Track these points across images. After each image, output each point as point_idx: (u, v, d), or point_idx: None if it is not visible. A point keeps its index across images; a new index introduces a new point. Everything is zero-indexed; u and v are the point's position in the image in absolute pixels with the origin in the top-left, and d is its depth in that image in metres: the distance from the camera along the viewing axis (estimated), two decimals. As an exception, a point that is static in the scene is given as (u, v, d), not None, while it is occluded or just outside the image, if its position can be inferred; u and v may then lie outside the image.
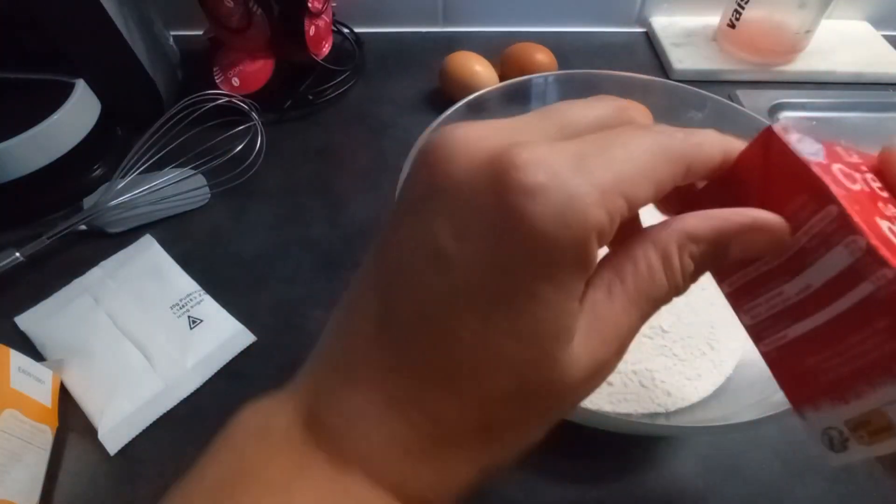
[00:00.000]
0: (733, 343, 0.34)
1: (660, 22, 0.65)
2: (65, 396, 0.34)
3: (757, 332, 0.17)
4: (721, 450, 0.32)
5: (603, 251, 0.14)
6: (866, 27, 0.64)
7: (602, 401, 0.31)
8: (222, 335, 0.37)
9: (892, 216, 0.14)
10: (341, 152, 0.51)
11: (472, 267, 0.13)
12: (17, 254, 0.39)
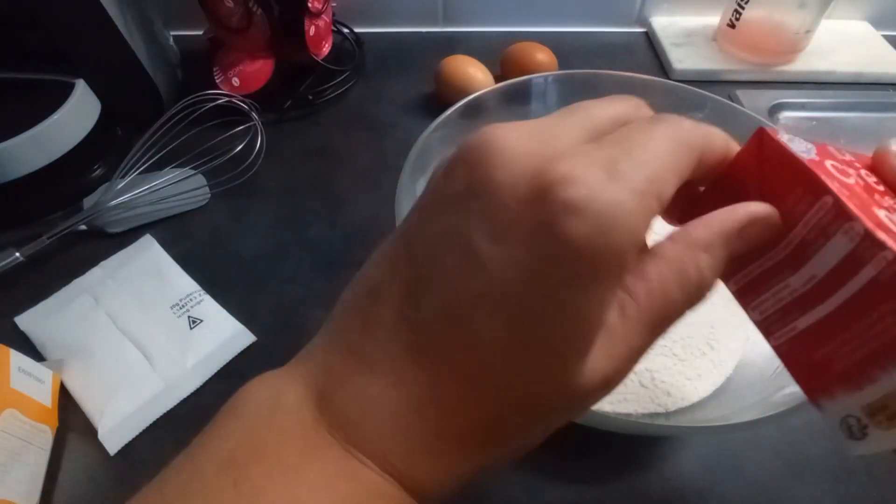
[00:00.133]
0: (733, 343, 0.34)
1: (660, 22, 0.65)
2: (65, 396, 0.34)
3: (766, 327, 0.17)
4: (721, 450, 0.32)
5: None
6: (866, 27, 0.64)
7: (602, 401, 0.31)
8: (222, 335, 0.37)
9: (889, 206, 0.14)
10: (341, 152, 0.51)
11: (506, 272, 0.13)
12: (17, 254, 0.39)
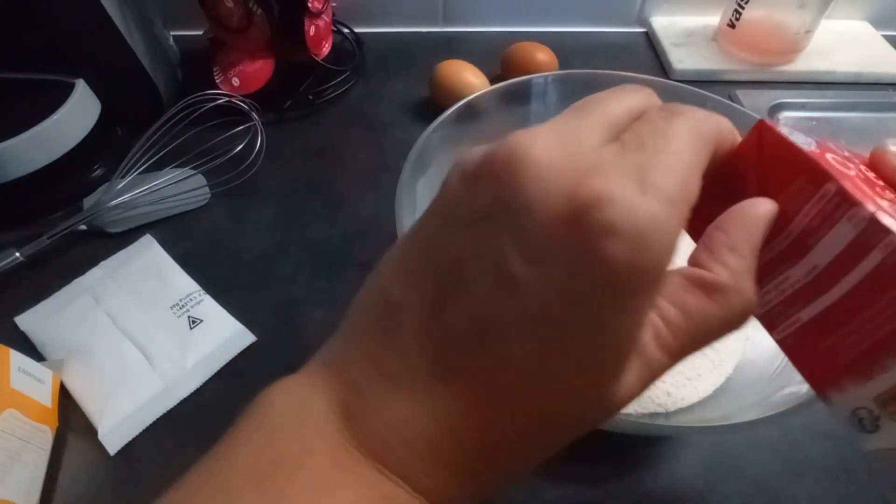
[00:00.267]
0: (733, 343, 0.34)
1: (660, 22, 0.65)
2: (65, 396, 0.34)
3: (770, 320, 0.16)
4: (721, 450, 0.32)
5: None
6: (866, 27, 0.64)
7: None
8: (222, 335, 0.37)
9: (891, 199, 0.14)
10: (341, 152, 0.51)
11: (543, 293, 0.13)
12: (17, 254, 0.39)
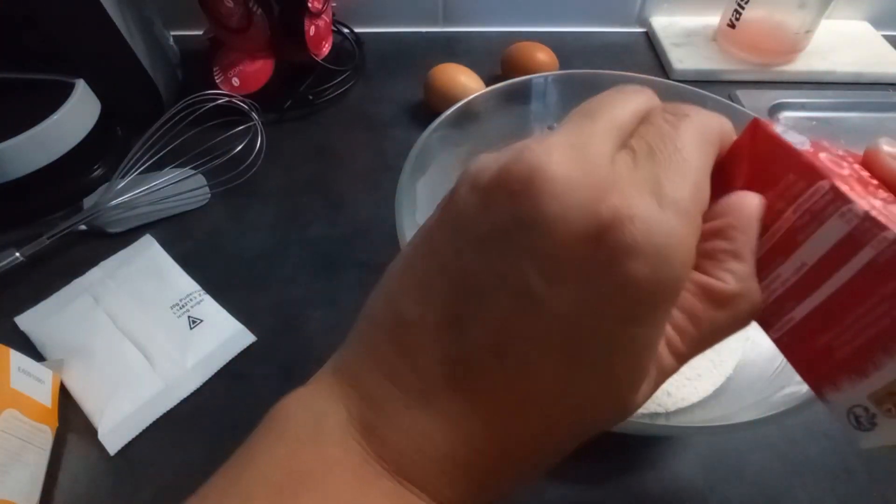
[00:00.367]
0: (733, 343, 0.34)
1: (660, 22, 0.65)
2: (65, 396, 0.34)
3: (765, 319, 0.16)
4: (721, 450, 0.32)
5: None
6: (866, 27, 0.64)
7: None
8: (222, 335, 0.37)
9: (884, 199, 0.14)
10: (341, 152, 0.51)
11: (564, 311, 0.13)
12: (17, 254, 0.39)
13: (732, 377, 0.33)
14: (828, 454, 0.32)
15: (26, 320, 0.37)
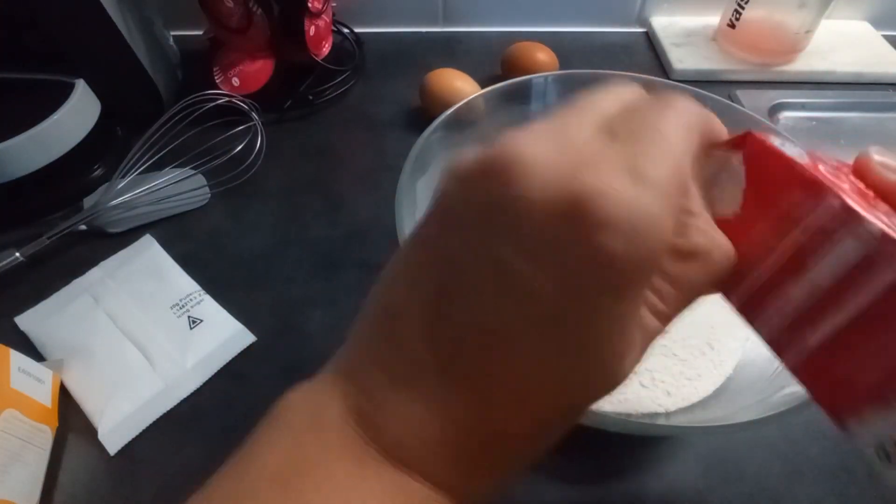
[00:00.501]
0: (733, 343, 0.34)
1: (660, 22, 0.65)
2: (65, 396, 0.34)
3: (777, 346, 0.15)
4: (721, 450, 0.32)
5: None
6: (866, 27, 0.64)
7: (602, 401, 0.31)
8: (222, 335, 0.37)
9: (886, 212, 0.14)
10: (341, 152, 0.51)
11: (543, 288, 0.13)
12: (17, 254, 0.39)
13: (732, 377, 0.33)
14: (828, 454, 0.32)
15: (26, 320, 0.37)
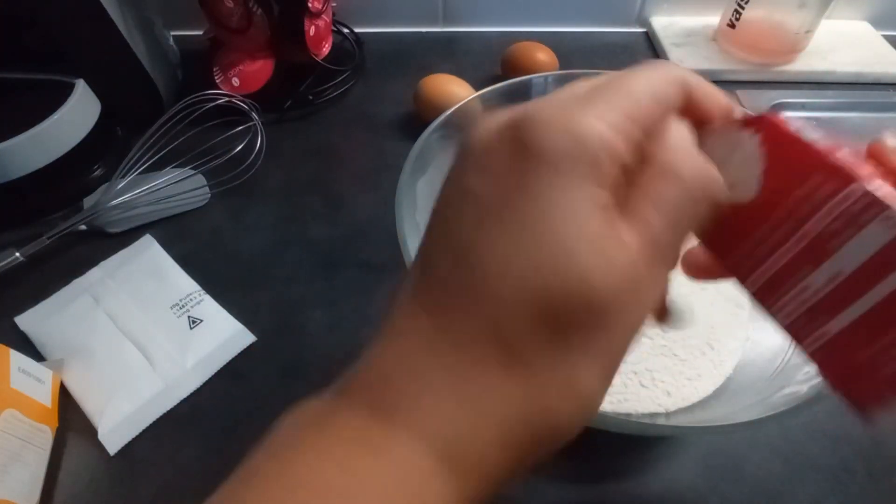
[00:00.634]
0: (733, 343, 0.34)
1: (660, 22, 0.65)
2: (65, 396, 0.34)
3: (796, 332, 0.15)
4: (721, 450, 0.32)
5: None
6: (866, 27, 0.64)
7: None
8: (222, 335, 0.37)
9: None
10: (341, 152, 0.51)
11: (491, 192, 0.14)
12: (17, 254, 0.39)
13: (732, 377, 0.33)
14: (828, 454, 0.32)
15: (26, 320, 0.37)
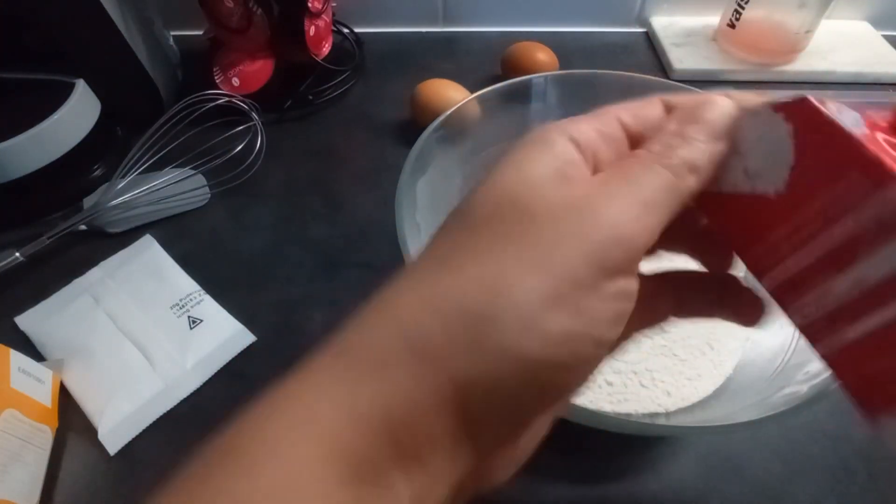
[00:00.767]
0: (733, 343, 0.34)
1: (660, 22, 0.65)
2: (65, 396, 0.34)
3: (811, 334, 0.15)
4: (721, 450, 0.32)
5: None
6: (866, 27, 0.64)
7: (602, 401, 0.31)
8: (222, 335, 0.37)
9: None
10: (341, 152, 0.51)
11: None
12: (17, 254, 0.39)
13: (732, 377, 0.33)
14: (828, 454, 0.32)
15: (26, 320, 0.37)
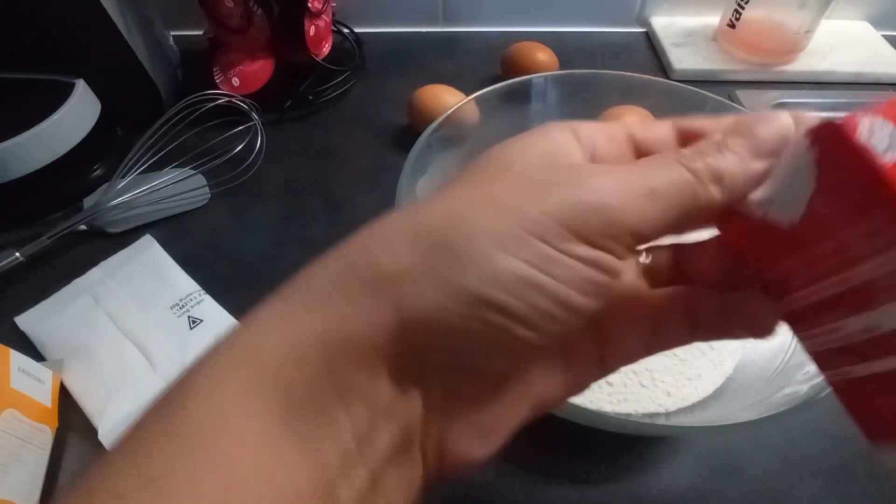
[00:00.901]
0: (733, 343, 0.34)
1: (660, 22, 0.65)
2: (65, 396, 0.34)
3: (819, 361, 0.15)
4: (721, 450, 0.32)
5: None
6: (866, 27, 0.64)
7: (602, 401, 0.31)
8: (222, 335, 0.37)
9: None
10: (341, 152, 0.51)
11: None
12: (17, 254, 0.39)
13: (732, 377, 0.33)
14: (828, 454, 0.32)
15: (26, 320, 0.37)
